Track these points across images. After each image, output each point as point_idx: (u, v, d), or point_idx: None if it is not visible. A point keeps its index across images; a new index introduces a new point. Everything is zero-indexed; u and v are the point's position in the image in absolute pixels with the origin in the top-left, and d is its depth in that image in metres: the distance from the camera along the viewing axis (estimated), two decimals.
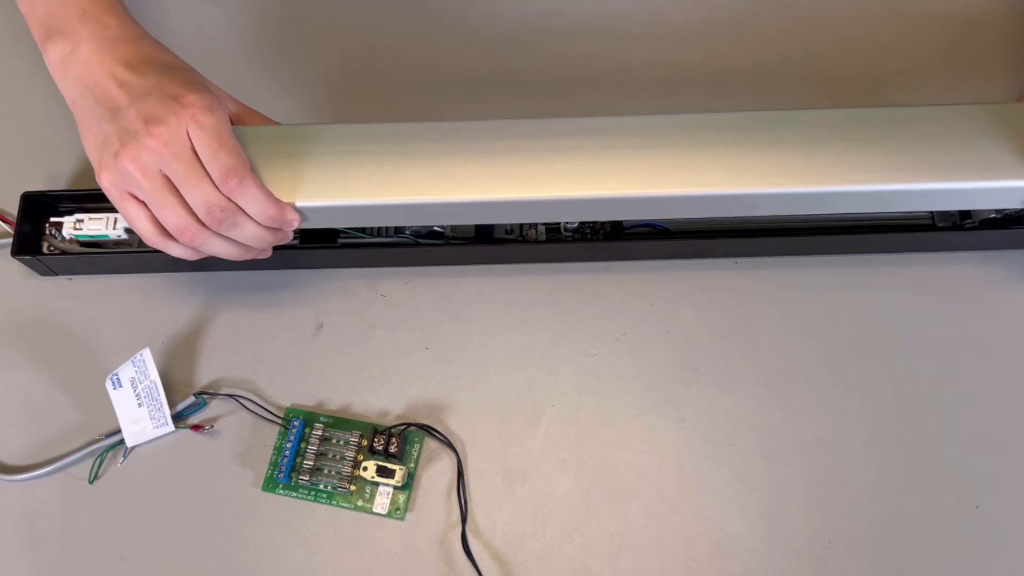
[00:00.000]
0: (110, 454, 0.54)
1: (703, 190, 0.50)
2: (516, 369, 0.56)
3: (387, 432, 0.53)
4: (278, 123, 0.54)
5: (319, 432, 0.54)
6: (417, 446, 0.54)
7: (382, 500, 0.53)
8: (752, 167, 0.50)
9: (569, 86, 0.64)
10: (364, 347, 0.57)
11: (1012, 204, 0.51)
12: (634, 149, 0.50)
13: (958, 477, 0.53)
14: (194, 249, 0.51)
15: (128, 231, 0.56)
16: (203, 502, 0.53)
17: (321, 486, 0.53)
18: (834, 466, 0.53)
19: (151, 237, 0.50)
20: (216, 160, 0.48)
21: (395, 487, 0.53)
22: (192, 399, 0.55)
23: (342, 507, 0.53)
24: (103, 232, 0.55)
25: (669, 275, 0.58)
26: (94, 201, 0.57)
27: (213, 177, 0.48)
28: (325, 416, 0.55)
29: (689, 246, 0.57)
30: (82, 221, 0.56)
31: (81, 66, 0.50)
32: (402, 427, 0.54)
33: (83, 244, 0.57)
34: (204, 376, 0.56)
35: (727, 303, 0.57)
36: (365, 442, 0.54)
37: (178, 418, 0.55)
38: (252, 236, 0.50)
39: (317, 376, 0.56)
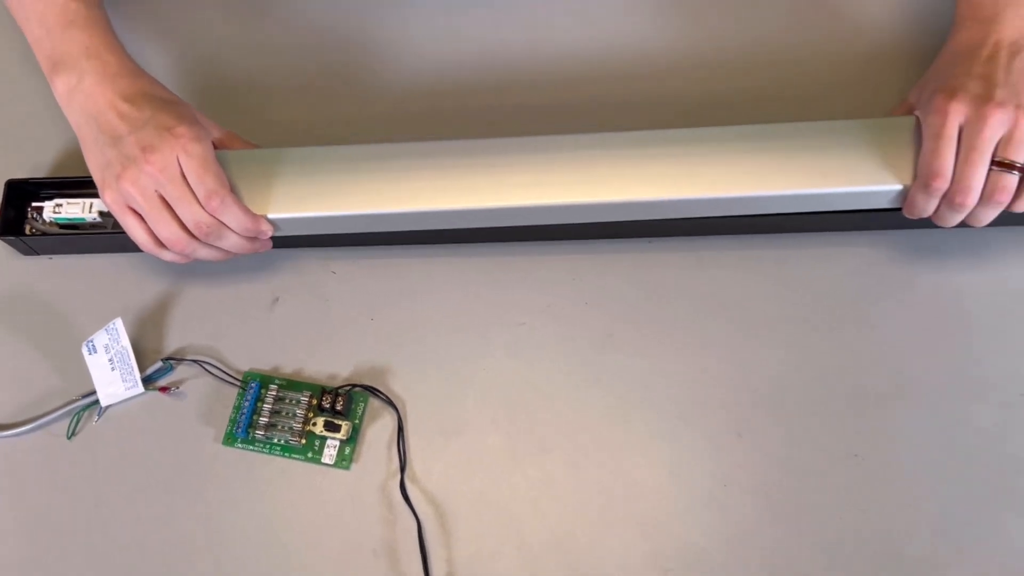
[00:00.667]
0: (86, 413, 0.61)
1: (608, 199, 0.58)
2: (452, 337, 0.63)
3: (334, 392, 0.60)
4: (256, 146, 0.62)
5: (274, 393, 0.60)
6: (362, 405, 0.60)
7: (330, 452, 0.59)
8: (658, 177, 0.58)
9: (525, 115, 0.70)
10: (315, 318, 0.63)
11: (880, 204, 0.59)
12: (560, 164, 0.58)
13: (839, 430, 0.59)
14: (184, 256, 0.59)
15: (102, 214, 0.62)
16: (170, 455, 0.60)
17: (275, 440, 0.59)
18: (731, 421, 0.60)
19: (147, 245, 0.58)
20: (202, 183, 0.56)
21: (341, 440, 0.59)
22: (160, 364, 0.61)
23: (294, 458, 0.59)
24: (79, 215, 0.62)
25: (590, 253, 0.65)
26: (72, 188, 0.63)
27: (199, 198, 0.56)
28: (279, 379, 0.61)
29: (608, 227, 0.64)
30: (61, 205, 0.62)
31: (85, 97, 0.59)
32: (348, 388, 0.61)
33: (61, 226, 0.63)
34: (171, 343, 0.63)
35: (640, 278, 0.64)
36: (315, 401, 0.60)
37: (147, 381, 0.61)
38: (234, 245, 0.59)
39: (273, 344, 0.62)
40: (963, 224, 0.59)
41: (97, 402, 0.60)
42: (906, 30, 0.70)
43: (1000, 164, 0.55)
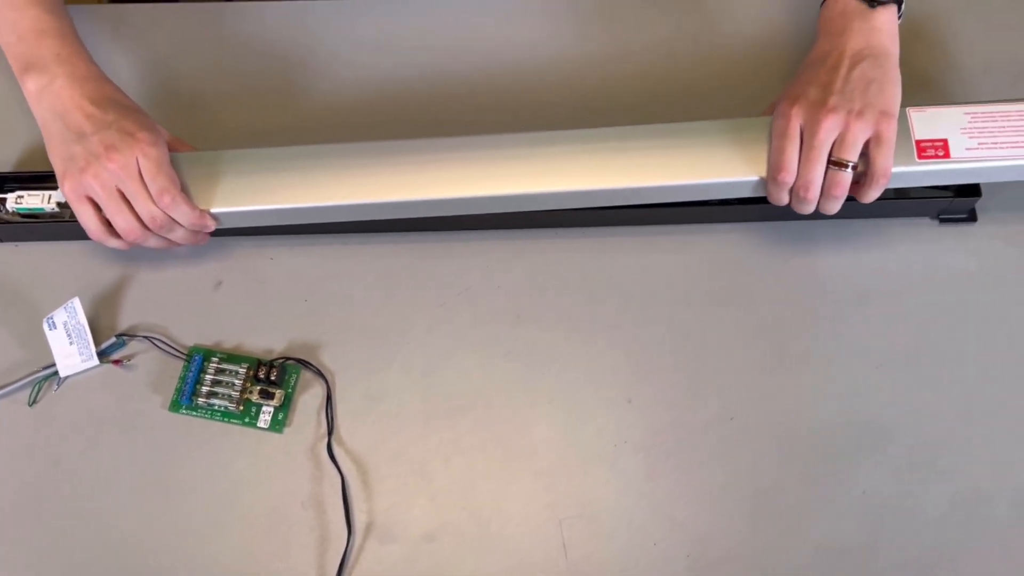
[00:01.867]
0: (46, 383, 0.67)
1: (503, 191, 0.66)
2: (378, 316, 0.69)
3: (269, 364, 0.67)
4: (196, 149, 0.70)
5: (215, 365, 0.67)
6: (294, 376, 0.67)
7: (265, 417, 0.66)
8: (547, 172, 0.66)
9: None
10: (254, 299, 0.70)
11: (743, 194, 0.67)
12: (467, 162, 0.67)
13: (718, 396, 0.66)
14: (134, 244, 0.66)
15: (60, 205, 0.69)
16: (122, 420, 0.66)
17: (216, 407, 0.66)
18: (622, 387, 0.67)
19: (96, 233, 0.66)
20: (155, 183, 0.64)
21: (275, 407, 0.66)
22: (114, 339, 0.68)
23: (232, 423, 0.66)
24: (39, 206, 0.69)
25: (502, 241, 0.72)
26: (33, 182, 0.70)
27: (152, 195, 0.64)
28: (220, 353, 0.68)
29: (518, 218, 0.71)
30: (22, 197, 0.69)
31: (55, 97, 0.66)
32: (282, 360, 0.67)
33: (23, 216, 0.70)
34: (124, 321, 0.69)
35: (547, 263, 0.71)
36: (252, 372, 0.67)
37: (102, 354, 0.67)
38: (180, 237, 0.67)
39: (215, 322, 0.69)
40: (820, 215, 0.67)
41: (56, 373, 0.66)
42: (785, 39, 0.79)
43: (834, 163, 0.63)
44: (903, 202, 0.71)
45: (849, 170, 0.63)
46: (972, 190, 0.70)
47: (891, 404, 0.66)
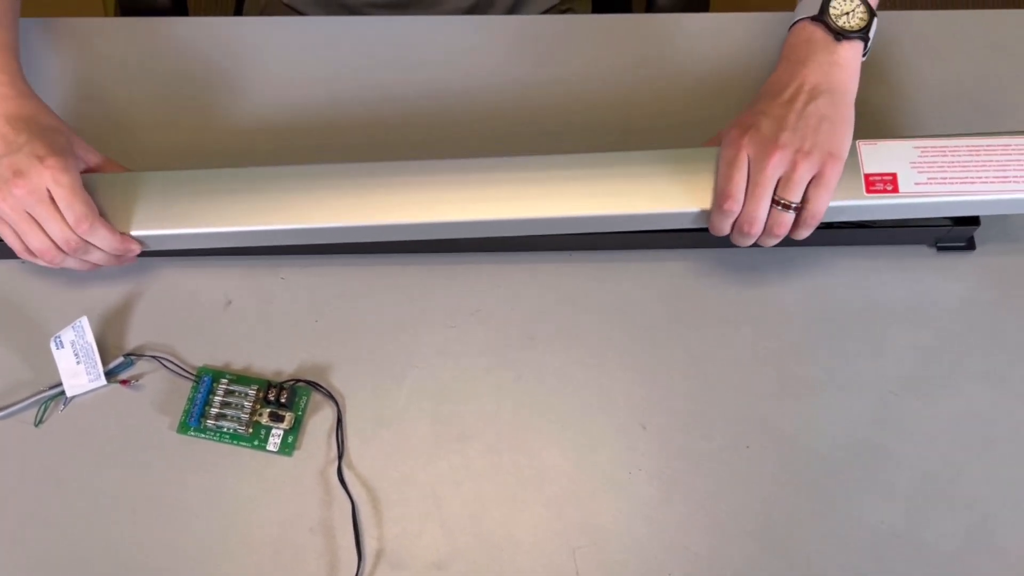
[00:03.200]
0: (53, 403, 0.66)
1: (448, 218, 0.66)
2: (388, 338, 0.69)
3: (279, 386, 0.66)
4: (128, 170, 0.69)
5: (224, 386, 0.66)
6: (304, 398, 0.67)
7: (274, 440, 0.65)
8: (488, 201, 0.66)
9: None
10: (264, 319, 0.69)
11: (684, 224, 0.66)
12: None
13: (731, 424, 0.66)
14: (53, 265, 0.65)
15: None
16: (128, 441, 0.65)
17: (225, 429, 0.65)
18: (636, 413, 0.66)
19: (21, 252, 0.65)
20: (71, 209, 0.62)
21: (285, 430, 0.65)
22: (122, 359, 0.67)
23: (242, 445, 0.65)
24: None
25: (515, 264, 0.71)
26: None
27: (69, 222, 0.63)
28: (230, 374, 0.67)
29: (531, 240, 0.70)
30: None
31: None
32: (292, 383, 0.67)
33: None
34: (132, 341, 0.68)
35: (560, 287, 0.70)
36: (261, 394, 0.66)
37: (110, 374, 0.66)
38: (100, 259, 0.66)
39: (224, 342, 0.68)
40: (756, 245, 0.66)
41: (63, 393, 0.66)
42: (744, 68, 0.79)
43: (778, 202, 0.63)
44: (901, 230, 0.70)
45: (792, 211, 0.63)
46: (971, 219, 0.69)
47: (902, 432, 0.66)
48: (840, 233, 0.70)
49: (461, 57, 0.80)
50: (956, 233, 0.71)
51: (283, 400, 0.65)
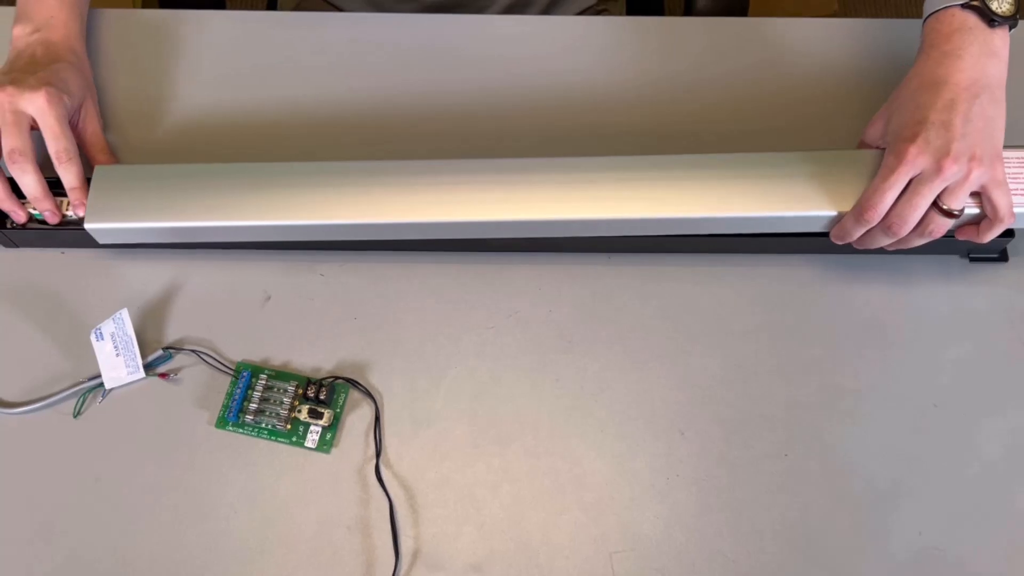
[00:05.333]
0: (91, 394, 0.66)
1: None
2: (426, 337, 0.69)
3: (318, 383, 0.66)
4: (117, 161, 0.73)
5: (263, 382, 0.66)
6: (343, 396, 0.66)
7: (312, 437, 0.65)
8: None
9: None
10: (303, 315, 0.69)
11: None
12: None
13: (772, 432, 0.66)
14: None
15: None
16: (166, 435, 0.65)
17: (263, 425, 0.65)
18: (675, 419, 0.66)
19: None
20: (54, 140, 0.67)
21: (323, 427, 0.65)
22: (161, 352, 0.67)
23: (279, 442, 0.65)
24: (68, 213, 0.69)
25: (554, 265, 0.71)
26: (54, 187, 0.68)
27: (51, 150, 0.67)
28: (269, 369, 0.67)
29: (572, 242, 0.70)
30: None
31: (24, 42, 0.72)
32: (331, 380, 0.66)
33: (39, 222, 0.69)
34: (171, 334, 0.68)
35: (599, 289, 0.70)
36: (300, 391, 0.66)
37: (148, 367, 0.66)
38: (29, 190, 0.68)
39: (263, 337, 0.68)
40: (880, 249, 0.66)
41: (101, 385, 0.66)
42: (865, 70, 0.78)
43: (943, 210, 0.62)
44: (936, 240, 0.70)
45: (952, 218, 0.62)
46: (1005, 231, 0.69)
47: (943, 445, 0.65)
48: None
49: (498, 56, 0.80)
50: (990, 244, 0.70)
51: (322, 397, 0.65)
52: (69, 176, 0.67)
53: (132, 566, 0.62)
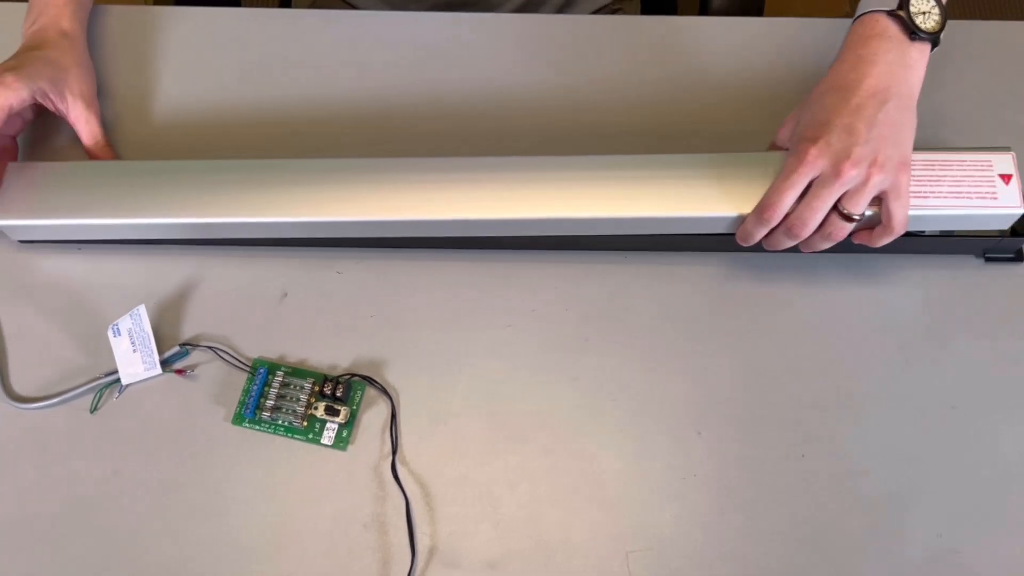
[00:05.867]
0: (108, 390, 0.66)
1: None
2: (443, 335, 0.68)
3: (335, 380, 0.66)
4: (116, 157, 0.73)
5: (280, 379, 0.66)
6: (359, 393, 0.66)
7: (329, 434, 0.65)
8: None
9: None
10: (320, 312, 0.69)
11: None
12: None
13: (788, 433, 0.65)
14: None
15: None
16: (183, 431, 0.65)
17: (280, 421, 0.65)
18: (692, 419, 0.66)
19: None
20: None
21: (340, 424, 0.65)
22: (177, 348, 0.67)
23: (296, 439, 0.65)
24: None
25: (571, 263, 0.71)
26: None
27: None
28: (285, 366, 0.67)
29: (589, 240, 0.70)
30: None
31: (27, 33, 0.73)
32: (347, 377, 0.66)
33: None
34: (188, 331, 0.68)
35: (616, 288, 0.70)
36: (317, 388, 0.66)
37: (165, 363, 0.66)
38: None
39: (280, 334, 0.68)
40: (794, 248, 0.66)
41: (118, 380, 0.66)
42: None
43: (842, 214, 0.62)
44: (951, 240, 0.70)
45: (852, 222, 0.62)
46: (1021, 229, 0.69)
47: (960, 447, 0.65)
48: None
49: (511, 55, 0.80)
50: (1006, 244, 0.70)
51: (339, 394, 0.65)
52: None
53: (149, 560, 0.62)
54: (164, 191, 0.67)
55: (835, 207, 0.62)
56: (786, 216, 0.63)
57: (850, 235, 0.64)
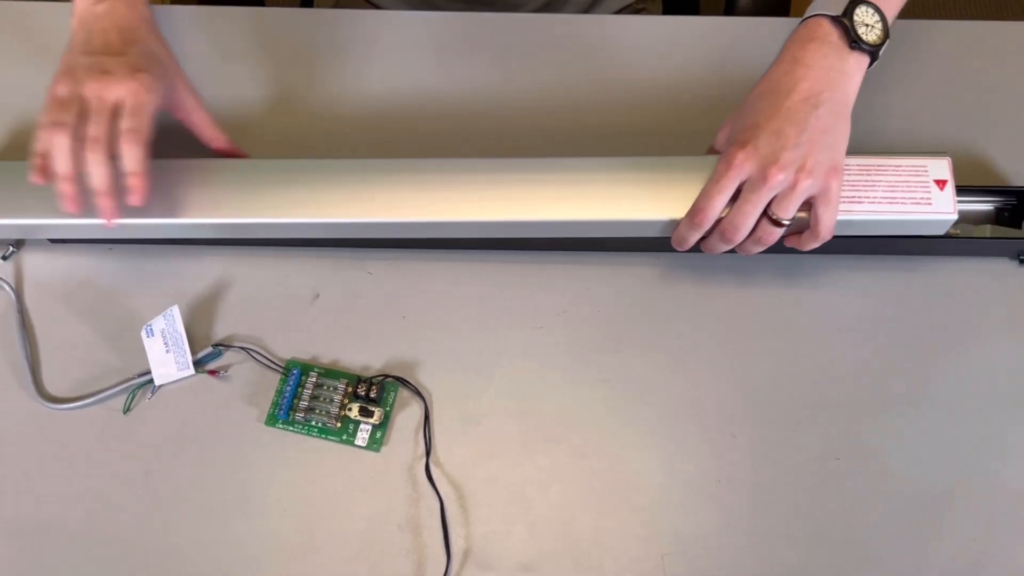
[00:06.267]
0: (141, 391, 0.66)
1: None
2: (475, 336, 0.68)
3: (368, 382, 0.66)
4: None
5: (313, 380, 0.66)
6: (392, 394, 0.66)
7: (362, 435, 0.65)
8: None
9: None
10: (352, 313, 0.69)
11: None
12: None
13: (823, 436, 0.65)
14: (60, 159, 0.61)
15: None
16: (216, 432, 0.65)
17: (313, 423, 0.65)
18: (725, 422, 0.66)
19: (44, 129, 0.61)
20: (131, 119, 0.62)
21: (373, 425, 0.65)
22: (210, 349, 0.67)
23: (330, 440, 0.65)
24: None
25: (602, 265, 0.71)
26: None
27: (122, 128, 0.61)
28: (318, 367, 0.67)
29: (620, 242, 0.70)
30: None
31: (91, 16, 0.67)
32: (381, 378, 0.66)
33: None
34: (221, 331, 0.68)
35: (647, 289, 0.70)
36: (350, 389, 0.66)
37: (198, 364, 0.66)
38: (100, 179, 0.61)
39: (313, 335, 0.68)
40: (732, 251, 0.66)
41: (151, 381, 0.66)
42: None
43: (769, 216, 0.62)
44: (985, 242, 0.70)
45: (781, 227, 0.62)
46: None
47: (996, 450, 0.65)
48: (921, 242, 0.70)
49: (534, 55, 0.80)
50: None
51: (372, 395, 0.65)
52: (131, 158, 0.62)
53: (182, 560, 0.62)
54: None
55: (765, 212, 0.62)
56: (719, 220, 0.63)
57: (781, 239, 0.64)
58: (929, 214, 0.65)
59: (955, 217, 0.65)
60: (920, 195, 0.65)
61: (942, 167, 0.66)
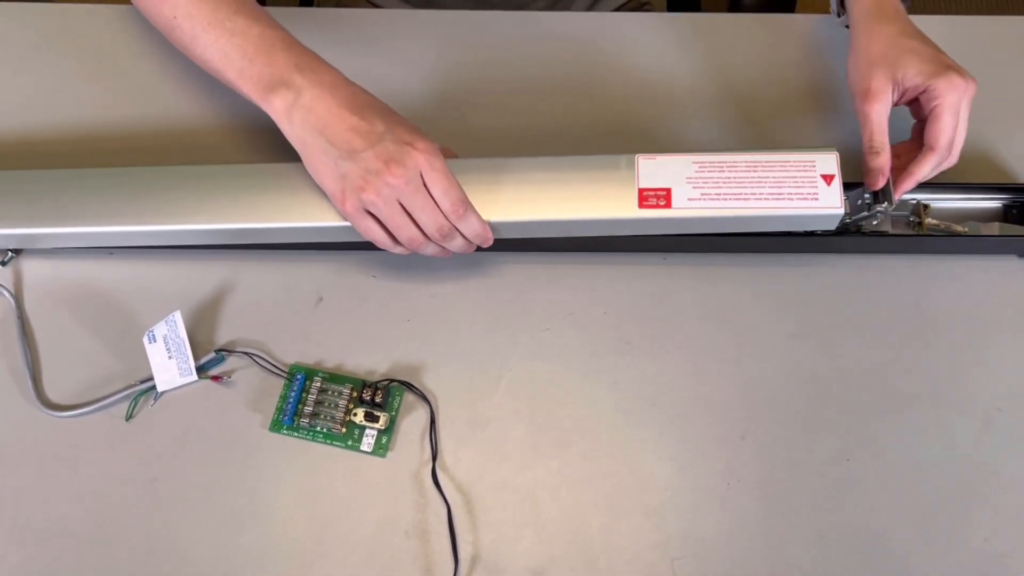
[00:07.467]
0: (144, 397, 0.65)
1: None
2: (481, 339, 0.68)
3: (373, 386, 0.65)
4: (456, 155, 0.68)
5: (317, 385, 0.65)
6: (398, 398, 0.65)
7: (368, 440, 0.64)
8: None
9: None
10: (356, 317, 0.68)
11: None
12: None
13: (834, 437, 0.65)
14: (414, 252, 0.64)
15: None
16: (219, 438, 0.64)
17: (318, 428, 0.64)
18: (736, 423, 0.65)
19: (384, 244, 0.63)
20: (447, 196, 0.61)
21: (379, 430, 0.64)
22: (213, 354, 0.66)
23: (335, 445, 0.64)
24: None
25: (609, 266, 0.70)
26: None
27: (443, 208, 0.61)
28: (323, 372, 0.66)
29: (627, 242, 0.69)
30: None
31: (307, 112, 0.62)
32: (386, 382, 0.66)
33: None
34: (223, 336, 0.67)
35: (655, 290, 0.69)
36: (355, 394, 0.65)
37: (201, 370, 0.65)
38: (459, 246, 0.64)
39: (317, 339, 0.67)
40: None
41: (154, 387, 0.65)
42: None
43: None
44: (989, 239, 0.70)
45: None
46: None
47: (1007, 449, 0.64)
48: (926, 241, 0.70)
49: (535, 53, 0.79)
50: None
51: (377, 400, 0.64)
52: (471, 230, 0.63)
53: (187, 567, 0.61)
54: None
55: None
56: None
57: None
58: (815, 209, 0.64)
59: (841, 211, 0.64)
60: (807, 191, 0.64)
61: (830, 162, 0.65)
